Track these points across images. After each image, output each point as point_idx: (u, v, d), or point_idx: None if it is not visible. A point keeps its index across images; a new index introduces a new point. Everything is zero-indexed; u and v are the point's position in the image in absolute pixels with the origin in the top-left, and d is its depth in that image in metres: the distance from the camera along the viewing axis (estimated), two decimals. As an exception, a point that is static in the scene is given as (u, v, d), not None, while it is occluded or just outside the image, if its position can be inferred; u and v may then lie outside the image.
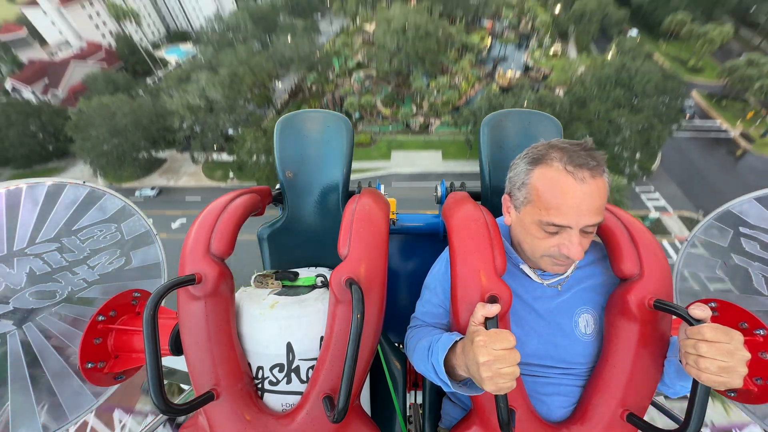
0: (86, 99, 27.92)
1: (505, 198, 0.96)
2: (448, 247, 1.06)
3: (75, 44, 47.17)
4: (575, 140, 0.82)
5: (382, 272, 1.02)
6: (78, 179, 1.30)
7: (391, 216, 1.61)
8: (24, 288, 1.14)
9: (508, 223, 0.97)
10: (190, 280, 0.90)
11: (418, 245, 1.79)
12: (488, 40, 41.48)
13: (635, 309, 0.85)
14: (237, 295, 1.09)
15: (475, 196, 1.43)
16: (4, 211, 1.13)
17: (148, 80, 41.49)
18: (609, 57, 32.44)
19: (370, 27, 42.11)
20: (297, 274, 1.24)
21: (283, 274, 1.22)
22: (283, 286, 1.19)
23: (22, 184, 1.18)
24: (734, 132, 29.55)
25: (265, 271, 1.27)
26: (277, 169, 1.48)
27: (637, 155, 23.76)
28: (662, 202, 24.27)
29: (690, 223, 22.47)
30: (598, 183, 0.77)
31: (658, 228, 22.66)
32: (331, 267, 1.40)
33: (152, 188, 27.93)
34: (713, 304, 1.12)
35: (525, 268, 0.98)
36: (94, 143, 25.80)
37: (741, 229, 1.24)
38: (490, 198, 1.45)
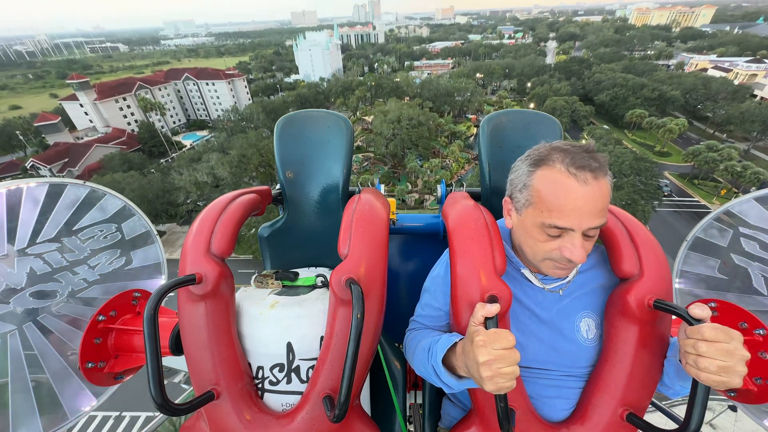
0: (99, 176, 28.59)
1: (506, 201, 0.95)
2: (447, 250, 1.06)
3: (101, 130, 50.91)
4: (577, 143, 0.82)
5: (382, 272, 1.02)
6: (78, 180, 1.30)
7: (391, 216, 1.61)
8: (24, 288, 1.14)
9: (510, 226, 0.96)
10: (191, 280, 0.90)
11: (418, 245, 1.79)
12: (474, 130, 45.59)
13: (635, 309, 0.85)
14: (237, 295, 1.09)
15: (475, 196, 1.43)
16: (5, 210, 1.13)
17: (162, 160, 43.19)
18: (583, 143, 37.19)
19: (369, 118, 45.95)
20: (297, 274, 1.24)
21: (283, 274, 1.22)
22: (283, 286, 1.19)
23: (23, 184, 1.19)
24: (713, 207, 31.73)
25: (265, 271, 1.27)
26: (277, 169, 1.48)
27: None
28: None
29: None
30: (600, 185, 0.77)
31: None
32: (331, 267, 1.40)
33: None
34: (713, 304, 1.12)
35: (526, 272, 0.97)
36: None
37: (741, 229, 1.24)
38: (490, 198, 1.45)
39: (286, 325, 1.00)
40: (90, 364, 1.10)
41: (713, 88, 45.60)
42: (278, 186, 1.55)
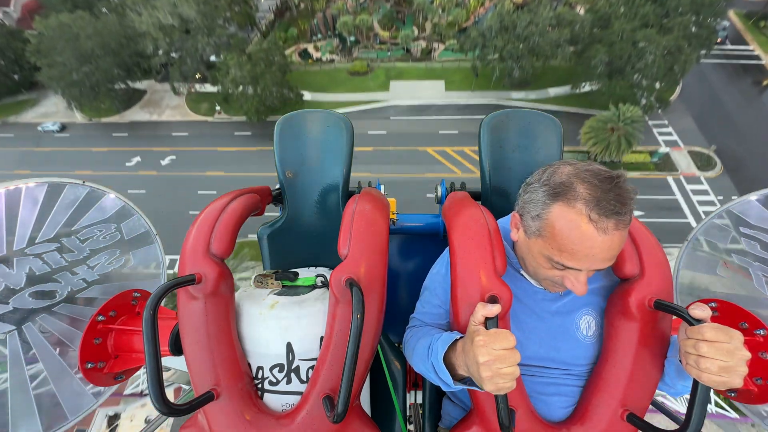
0: (43, 18, 24.74)
1: (515, 215, 0.92)
2: (448, 248, 1.06)
3: None
4: (607, 171, 0.74)
5: (382, 272, 1.02)
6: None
7: (391, 216, 1.61)
8: (24, 288, 1.14)
9: (515, 239, 0.94)
10: (190, 280, 0.90)
11: (418, 245, 1.79)
12: None
13: (635, 309, 0.85)
14: (237, 295, 1.09)
15: (475, 196, 1.43)
16: (4, 211, 1.13)
17: (113, -1, 36.87)
18: None
19: None
20: (297, 274, 1.24)
21: (283, 274, 1.21)
22: (283, 286, 1.19)
23: (22, 184, 1.18)
24: (766, 58, 25.59)
25: (265, 271, 1.27)
26: (277, 169, 1.48)
27: (657, 85, 21.64)
28: (674, 137, 22.27)
29: (700, 159, 21.10)
30: (621, 234, 0.72)
31: (665, 164, 21.35)
32: (331, 267, 1.40)
33: (53, 123, 25.77)
34: (713, 304, 1.12)
35: (525, 273, 0.97)
36: (61, 71, 23.07)
37: (741, 229, 1.24)
38: (490, 198, 1.45)
39: (286, 325, 1.00)
40: (89, 365, 1.10)
41: None
42: (278, 186, 1.55)
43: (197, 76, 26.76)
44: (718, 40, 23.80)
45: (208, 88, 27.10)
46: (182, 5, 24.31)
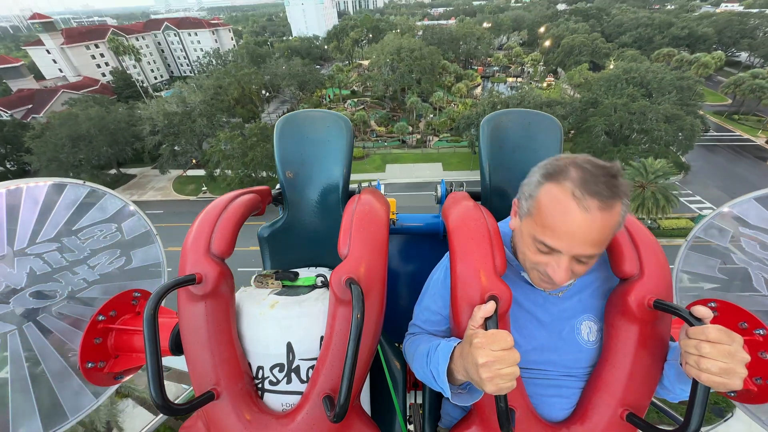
0: (56, 113, 25.82)
1: (515, 202, 0.94)
2: (447, 254, 1.06)
3: (73, 80, 45.91)
4: (604, 162, 0.75)
5: (382, 272, 1.02)
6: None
7: (391, 216, 1.61)
8: (24, 288, 1.14)
9: (513, 227, 0.96)
10: (191, 280, 0.90)
11: (418, 245, 1.79)
12: (479, 80, 41.69)
13: (635, 309, 0.85)
14: (237, 295, 1.09)
15: (475, 197, 1.43)
16: (5, 210, 1.13)
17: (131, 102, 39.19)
18: (611, 67, 31.66)
19: (365, 62, 42.57)
20: (297, 274, 1.24)
21: (283, 274, 1.22)
22: (283, 286, 1.19)
23: (23, 184, 1.19)
24: (759, 140, 28.91)
25: (265, 271, 1.27)
26: (277, 169, 1.48)
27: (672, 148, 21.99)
28: (707, 205, 22.56)
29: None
30: (604, 216, 0.71)
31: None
32: (331, 267, 1.40)
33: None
34: (713, 304, 1.12)
35: (526, 275, 0.97)
36: (51, 150, 23.18)
37: (741, 229, 1.24)
38: (490, 198, 1.45)
39: (286, 325, 1.00)
40: (90, 364, 1.10)
41: (751, 23, 38.73)
42: (278, 186, 1.55)
43: (193, 161, 27.21)
44: (704, 128, 25.18)
45: (199, 172, 27.40)
46: (190, 95, 25.76)
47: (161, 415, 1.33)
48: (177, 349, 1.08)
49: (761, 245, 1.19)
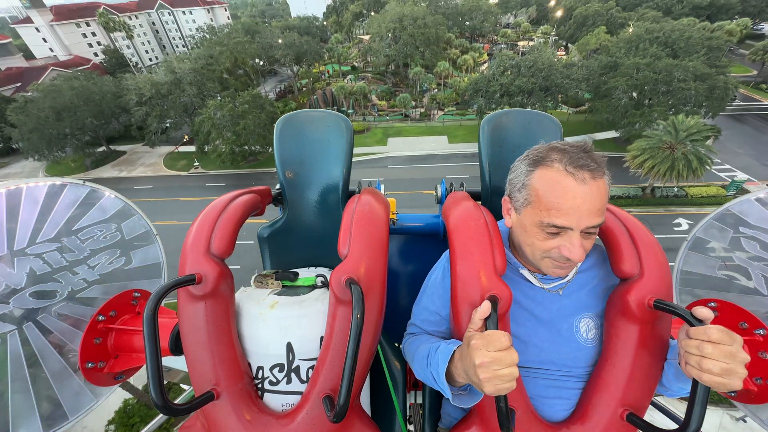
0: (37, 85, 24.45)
1: (505, 200, 0.96)
2: (445, 253, 1.05)
3: (63, 58, 44.86)
4: (578, 142, 0.82)
5: (382, 272, 1.02)
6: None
7: (391, 216, 1.61)
8: (24, 288, 1.14)
9: (509, 225, 0.96)
10: (190, 280, 0.90)
11: (418, 245, 1.79)
12: (486, 57, 40.12)
13: (635, 309, 0.85)
14: (237, 295, 1.09)
15: (475, 196, 1.43)
16: (5, 211, 1.13)
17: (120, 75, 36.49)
18: (630, 31, 28.68)
19: (366, 38, 40.95)
20: (297, 274, 1.24)
21: (283, 274, 1.22)
22: (283, 286, 1.19)
23: (23, 184, 1.19)
24: None
25: (265, 271, 1.27)
26: (277, 169, 1.48)
27: (702, 110, 19.93)
28: (738, 174, 20.77)
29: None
30: (598, 184, 0.78)
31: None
32: (331, 267, 1.40)
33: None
34: (713, 304, 1.12)
35: (525, 272, 0.97)
36: (36, 125, 22.06)
37: (741, 229, 1.24)
38: (490, 198, 1.45)
39: (286, 325, 1.00)
40: (90, 364, 1.10)
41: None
42: (278, 186, 1.55)
43: (185, 137, 26.26)
44: (731, 97, 23.29)
45: (191, 148, 26.31)
46: (179, 64, 24.49)
47: (161, 415, 1.33)
48: (177, 349, 1.08)
49: (761, 245, 1.19)
